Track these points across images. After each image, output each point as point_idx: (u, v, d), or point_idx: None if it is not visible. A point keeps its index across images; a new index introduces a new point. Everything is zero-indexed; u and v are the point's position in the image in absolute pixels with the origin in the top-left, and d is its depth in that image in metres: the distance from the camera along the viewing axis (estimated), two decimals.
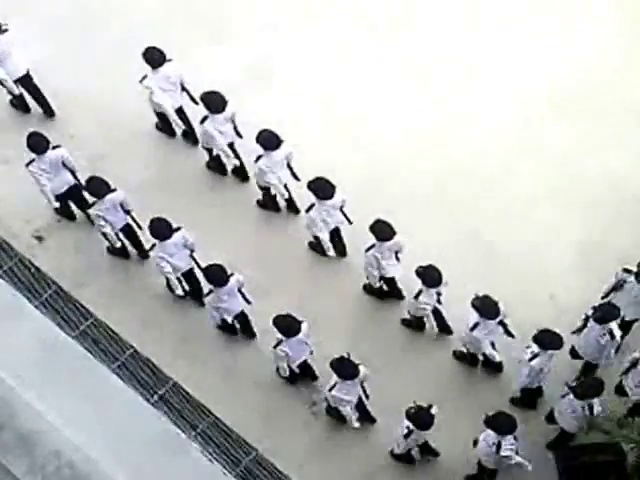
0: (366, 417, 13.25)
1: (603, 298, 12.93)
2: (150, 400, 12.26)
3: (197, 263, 13.62)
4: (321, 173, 13.60)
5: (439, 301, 13.37)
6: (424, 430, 12.34)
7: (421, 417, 12.22)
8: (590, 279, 13.70)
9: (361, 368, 12.56)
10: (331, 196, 13.61)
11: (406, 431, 12.41)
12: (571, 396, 12.15)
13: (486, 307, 12.67)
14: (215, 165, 14.88)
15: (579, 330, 12.78)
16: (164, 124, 15.23)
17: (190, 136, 15.31)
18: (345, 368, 12.47)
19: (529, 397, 13.18)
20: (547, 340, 12.36)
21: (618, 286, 12.87)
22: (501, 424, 11.94)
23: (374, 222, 13.23)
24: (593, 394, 12.07)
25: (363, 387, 12.84)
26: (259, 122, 14.13)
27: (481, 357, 13.36)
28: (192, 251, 13.56)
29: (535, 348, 12.43)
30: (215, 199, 14.89)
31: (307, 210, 13.91)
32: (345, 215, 13.97)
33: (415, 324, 13.88)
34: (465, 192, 14.73)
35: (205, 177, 15.10)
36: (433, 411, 12.26)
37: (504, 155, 15.02)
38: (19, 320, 12.68)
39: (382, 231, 13.25)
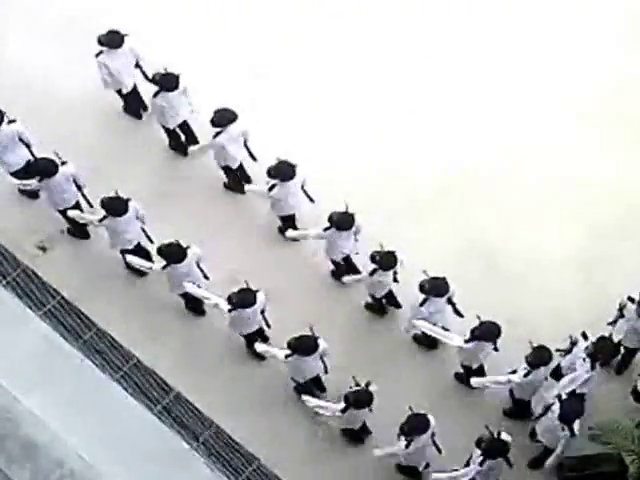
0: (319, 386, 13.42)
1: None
2: (153, 410, 12.27)
3: (148, 236, 13.81)
4: (320, 179, 13.79)
5: (395, 280, 13.56)
6: (361, 409, 12.48)
7: (360, 396, 12.40)
8: (592, 290, 13.78)
9: (320, 342, 12.71)
10: (292, 177, 13.78)
11: (344, 406, 12.55)
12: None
13: (435, 286, 12.86)
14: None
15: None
16: (128, 105, 15.50)
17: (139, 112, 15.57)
18: (304, 344, 12.65)
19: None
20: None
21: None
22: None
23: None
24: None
25: (323, 361, 12.99)
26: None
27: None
28: (143, 223, 13.75)
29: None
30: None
31: (269, 189, 14.01)
32: (307, 194, 14.09)
33: (376, 307, 14.02)
34: (467, 199, 14.80)
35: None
36: (372, 388, 12.44)
37: (507, 164, 15.06)
38: (23, 330, 12.72)
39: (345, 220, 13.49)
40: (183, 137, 15.21)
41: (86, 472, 11.41)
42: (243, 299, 13.03)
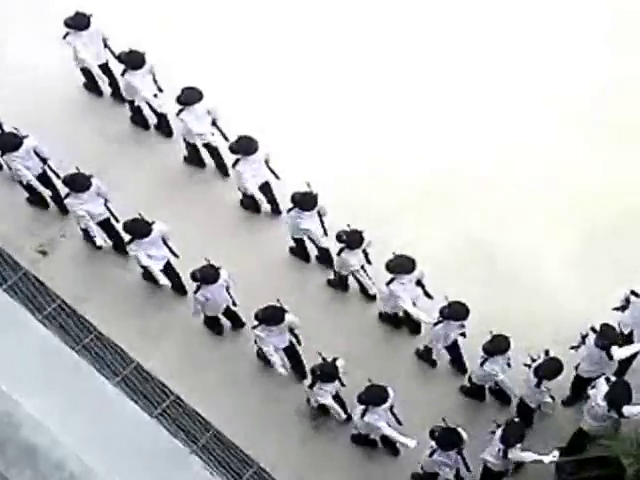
0: (298, 368, 13.50)
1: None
2: (152, 414, 12.34)
3: (112, 214, 14.00)
4: (312, 182, 13.78)
5: (368, 261, 13.72)
6: (328, 382, 12.61)
7: (326, 369, 12.56)
8: (586, 290, 13.83)
9: (287, 315, 12.82)
10: (254, 152, 14.00)
11: (310, 382, 12.75)
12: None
13: (400, 265, 13.01)
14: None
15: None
16: (90, 82, 15.77)
17: (117, 94, 15.83)
18: (270, 315, 12.80)
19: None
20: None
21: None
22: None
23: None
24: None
25: (295, 334, 13.11)
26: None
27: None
28: (106, 200, 13.93)
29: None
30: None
31: (233, 165, 14.24)
32: (272, 171, 14.31)
33: (338, 283, 14.17)
34: (460, 201, 14.81)
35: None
36: (338, 363, 12.62)
37: (500, 165, 15.08)
38: (23, 334, 12.77)
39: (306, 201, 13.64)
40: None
41: (85, 475, 11.44)
42: (206, 275, 13.12)
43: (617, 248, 14.22)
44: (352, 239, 13.50)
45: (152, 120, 15.66)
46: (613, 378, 12.17)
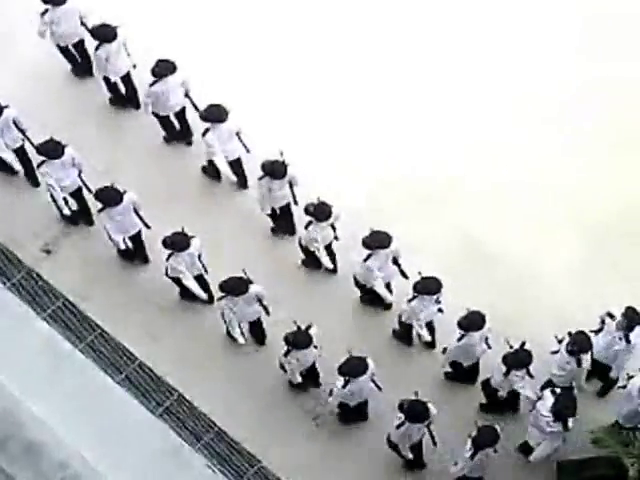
0: (260, 336, 13.73)
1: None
2: (155, 412, 12.39)
3: (86, 185, 14.10)
4: (318, 181, 13.94)
5: (336, 237, 13.84)
6: (302, 349, 12.72)
7: (300, 337, 12.69)
8: (587, 292, 13.85)
9: (252, 287, 12.96)
10: (224, 119, 14.08)
11: (285, 350, 12.84)
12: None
13: (377, 240, 13.10)
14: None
15: None
16: (66, 55, 15.77)
17: (88, 70, 15.77)
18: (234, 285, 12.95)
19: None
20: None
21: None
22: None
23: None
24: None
25: (263, 305, 13.29)
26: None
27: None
28: (80, 171, 14.03)
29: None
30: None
31: (203, 134, 14.29)
32: (243, 143, 14.38)
33: (308, 261, 14.27)
34: (463, 203, 14.81)
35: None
36: (312, 331, 12.75)
37: (503, 169, 15.07)
38: (26, 332, 12.85)
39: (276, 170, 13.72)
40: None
41: (89, 473, 11.51)
42: (175, 242, 13.25)
43: (616, 249, 14.23)
44: (319, 211, 13.55)
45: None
46: (558, 390, 12.22)
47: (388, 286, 13.73)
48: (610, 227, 14.39)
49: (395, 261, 13.47)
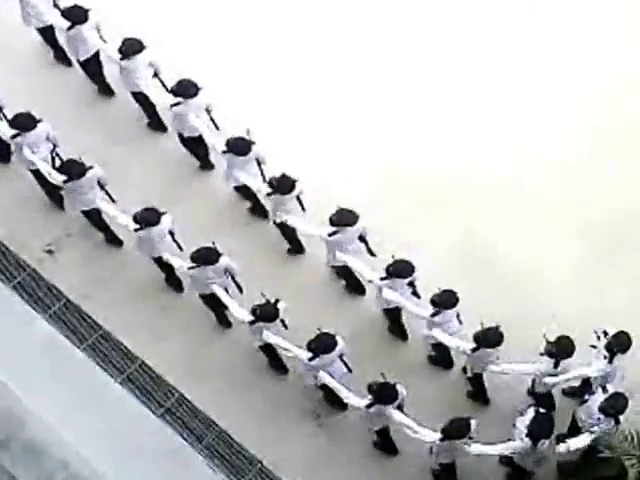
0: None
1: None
2: (156, 412, 12.40)
3: (54, 159, 14.13)
4: (322, 180, 14.04)
5: (303, 208, 13.93)
6: (269, 322, 12.83)
7: (267, 309, 12.80)
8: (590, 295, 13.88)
9: (223, 258, 13.18)
10: (194, 95, 14.33)
11: (251, 319, 12.92)
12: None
13: (342, 217, 13.31)
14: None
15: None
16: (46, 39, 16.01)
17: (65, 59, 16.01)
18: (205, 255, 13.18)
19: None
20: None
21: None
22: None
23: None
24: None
25: (235, 281, 13.49)
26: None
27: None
28: (55, 146, 14.14)
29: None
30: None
31: (171, 106, 14.49)
32: (213, 121, 14.63)
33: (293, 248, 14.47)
34: (468, 205, 14.84)
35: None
36: (280, 305, 12.88)
37: (505, 166, 15.13)
38: (28, 332, 12.88)
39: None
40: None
41: (90, 473, 11.53)
42: (147, 217, 13.40)
43: (618, 252, 14.27)
44: (282, 184, 13.70)
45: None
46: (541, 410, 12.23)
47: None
48: (612, 230, 14.41)
49: (362, 239, 13.62)
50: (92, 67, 15.63)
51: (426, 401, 13.14)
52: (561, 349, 12.55)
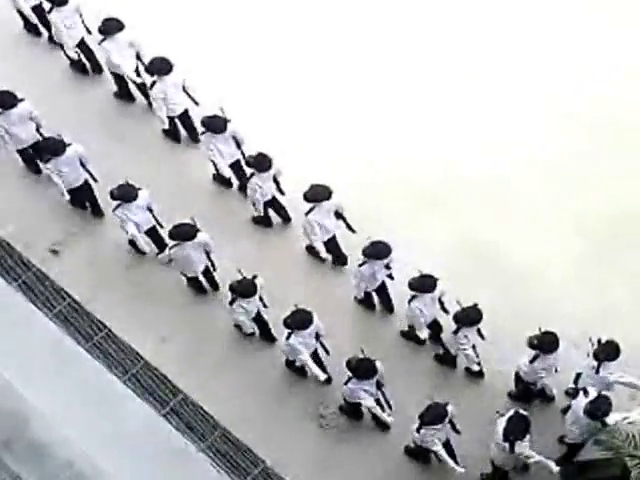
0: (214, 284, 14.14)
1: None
2: (160, 412, 12.42)
3: (42, 135, 14.39)
4: (319, 179, 13.97)
5: (280, 191, 14.32)
6: (246, 298, 13.13)
7: (245, 285, 13.13)
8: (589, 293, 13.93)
9: (200, 234, 13.47)
10: (168, 72, 14.63)
11: (231, 299, 13.27)
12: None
13: (316, 193, 13.63)
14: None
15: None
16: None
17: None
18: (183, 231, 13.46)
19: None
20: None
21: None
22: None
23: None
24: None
25: (210, 258, 13.86)
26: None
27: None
28: (38, 125, 14.30)
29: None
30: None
31: (150, 86, 14.75)
32: (191, 97, 14.90)
33: (260, 219, 14.68)
34: (466, 202, 14.90)
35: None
36: (257, 281, 13.14)
37: (507, 166, 15.16)
38: (33, 332, 12.90)
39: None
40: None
41: (94, 473, 11.55)
42: (124, 193, 13.69)
43: (617, 247, 14.29)
44: (259, 162, 13.91)
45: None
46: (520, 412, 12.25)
47: (334, 239, 14.06)
48: (611, 227, 14.45)
49: (339, 215, 13.82)
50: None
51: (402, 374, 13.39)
52: (543, 344, 12.59)
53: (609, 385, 12.65)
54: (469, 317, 12.86)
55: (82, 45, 15.75)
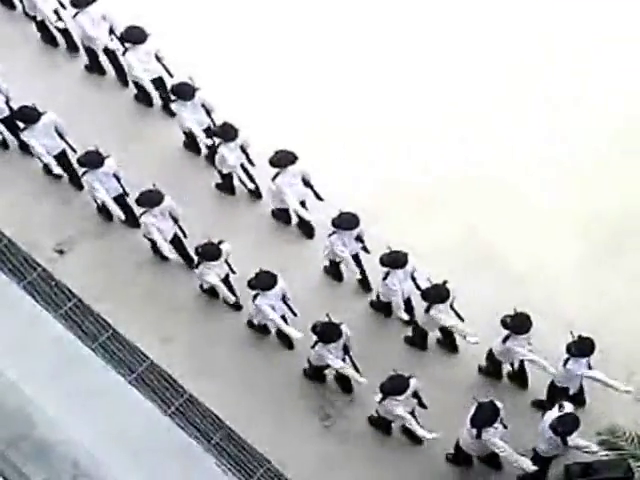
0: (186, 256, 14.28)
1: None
2: (166, 412, 12.46)
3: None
4: (321, 180, 14.20)
5: (250, 161, 14.57)
6: (211, 261, 13.34)
7: (210, 249, 13.34)
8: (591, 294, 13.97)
9: (165, 199, 13.78)
10: (142, 41, 15.00)
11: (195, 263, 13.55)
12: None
13: (282, 158, 13.86)
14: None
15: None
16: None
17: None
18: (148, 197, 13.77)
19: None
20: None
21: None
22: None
23: None
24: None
25: (180, 226, 14.04)
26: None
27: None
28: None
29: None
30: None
31: (123, 53, 15.18)
32: (165, 67, 15.15)
33: (225, 186, 14.98)
34: (470, 204, 14.91)
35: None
36: (222, 247, 13.36)
37: (510, 165, 15.19)
38: (39, 332, 12.93)
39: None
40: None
41: (100, 473, 11.58)
42: (90, 160, 13.96)
43: (618, 248, 14.33)
44: (225, 131, 14.16)
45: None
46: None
47: (303, 204, 14.37)
48: (612, 229, 14.47)
49: (306, 182, 14.07)
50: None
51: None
52: (515, 324, 12.69)
53: (575, 379, 12.70)
54: (439, 294, 13.00)
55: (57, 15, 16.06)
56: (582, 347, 12.59)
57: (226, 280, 13.75)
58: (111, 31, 15.44)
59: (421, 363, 13.65)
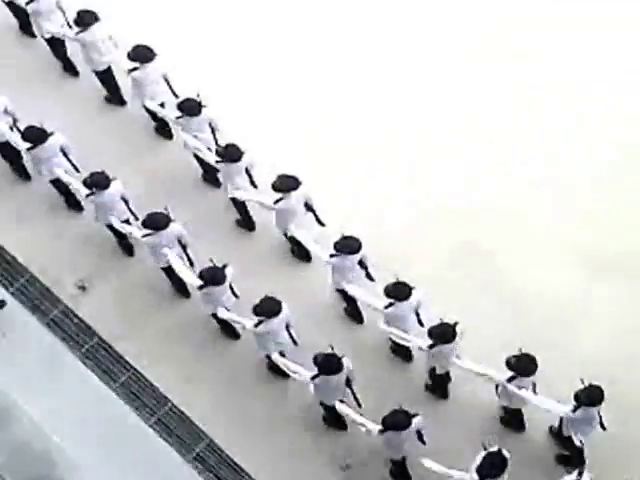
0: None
1: None
2: (186, 457, 12.54)
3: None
4: (319, 187, 14.06)
5: (253, 183, 14.18)
6: (216, 286, 13.14)
7: (214, 273, 13.17)
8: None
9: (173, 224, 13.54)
10: (151, 60, 14.74)
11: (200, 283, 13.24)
12: None
13: (285, 183, 13.63)
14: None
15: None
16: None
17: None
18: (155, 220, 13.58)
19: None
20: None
21: None
22: None
23: None
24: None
25: (184, 245, 13.78)
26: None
27: None
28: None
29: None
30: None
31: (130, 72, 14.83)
32: (171, 88, 14.93)
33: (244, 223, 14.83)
34: (465, 212, 14.85)
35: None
36: (227, 270, 13.20)
37: (505, 177, 15.15)
38: (61, 371, 13.06)
39: None
40: None
41: None
42: (97, 181, 13.82)
43: (617, 269, 14.25)
44: (230, 152, 13.96)
45: None
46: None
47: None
48: (611, 249, 14.37)
49: (308, 207, 13.86)
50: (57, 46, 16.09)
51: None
52: (520, 365, 12.45)
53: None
54: (444, 334, 12.58)
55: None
56: (592, 395, 12.25)
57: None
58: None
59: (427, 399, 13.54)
